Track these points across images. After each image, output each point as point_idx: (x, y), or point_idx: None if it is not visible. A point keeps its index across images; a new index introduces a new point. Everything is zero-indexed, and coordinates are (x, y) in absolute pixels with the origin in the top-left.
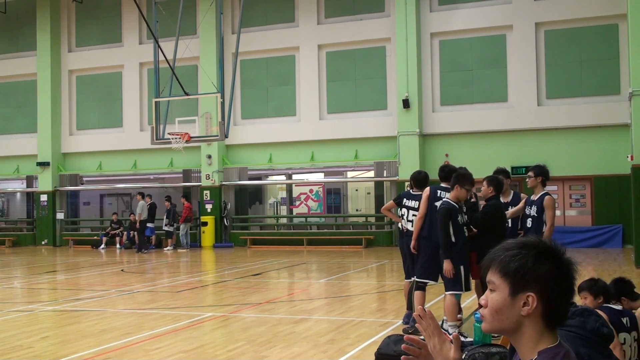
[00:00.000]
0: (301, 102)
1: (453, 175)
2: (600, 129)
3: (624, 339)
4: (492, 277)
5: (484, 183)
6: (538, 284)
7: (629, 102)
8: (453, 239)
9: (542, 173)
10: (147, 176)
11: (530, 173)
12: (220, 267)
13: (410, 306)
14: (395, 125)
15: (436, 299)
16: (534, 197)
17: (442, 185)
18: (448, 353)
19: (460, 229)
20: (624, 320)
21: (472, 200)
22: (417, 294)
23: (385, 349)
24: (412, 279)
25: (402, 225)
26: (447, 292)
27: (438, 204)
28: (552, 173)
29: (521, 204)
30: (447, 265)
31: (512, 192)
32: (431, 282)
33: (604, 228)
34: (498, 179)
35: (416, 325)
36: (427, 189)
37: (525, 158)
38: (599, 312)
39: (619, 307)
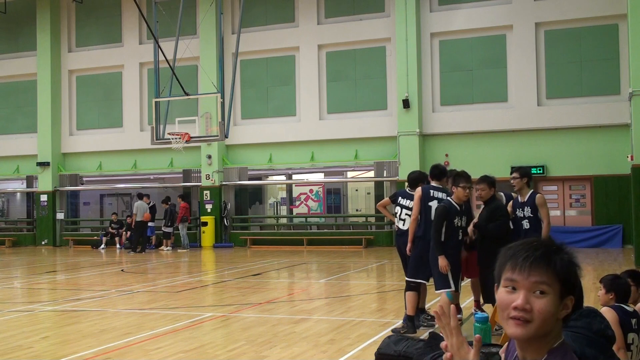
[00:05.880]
0: (301, 102)
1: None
2: (600, 129)
3: (632, 339)
4: (546, 280)
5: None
6: (576, 289)
7: (629, 102)
8: (442, 238)
9: (527, 174)
10: (147, 176)
11: (515, 174)
12: (220, 267)
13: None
14: (395, 125)
15: (436, 298)
16: (523, 199)
17: (434, 184)
18: (466, 355)
19: (453, 231)
20: (633, 321)
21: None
22: (408, 295)
23: (385, 349)
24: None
25: (395, 223)
26: (437, 291)
27: (432, 203)
28: (552, 173)
29: (509, 208)
30: (441, 262)
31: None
32: (422, 282)
33: (604, 228)
34: (493, 178)
35: (435, 321)
36: (419, 189)
37: (525, 158)
38: (611, 310)
39: (630, 308)
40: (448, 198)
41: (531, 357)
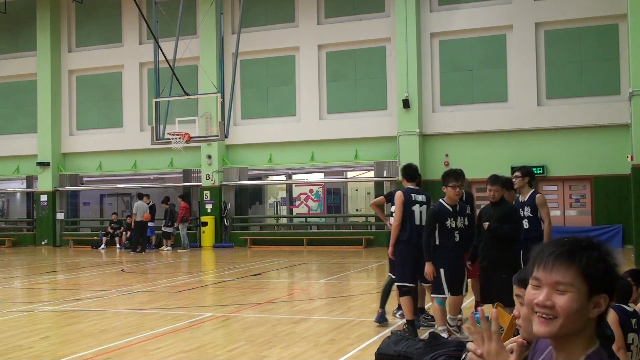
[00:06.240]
0: (301, 102)
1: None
2: (600, 129)
3: (632, 339)
4: (567, 278)
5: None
6: (611, 287)
7: (629, 102)
8: (437, 242)
9: (529, 173)
10: (147, 176)
11: (517, 173)
12: (220, 267)
13: (383, 304)
14: (395, 125)
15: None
16: (523, 199)
17: (410, 186)
18: None
19: (447, 233)
20: (633, 321)
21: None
22: (402, 300)
23: (385, 349)
24: (388, 275)
25: (389, 224)
26: (431, 295)
27: (415, 207)
28: (552, 173)
29: None
30: (427, 268)
31: (462, 193)
32: (411, 285)
33: (604, 228)
34: (505, 179)
35: (465, 327)
36: (400, 194)
37: (525, 158)
38: (611, 310)
39: (630, 308)
40: (440, 200)
41: (566, 358)
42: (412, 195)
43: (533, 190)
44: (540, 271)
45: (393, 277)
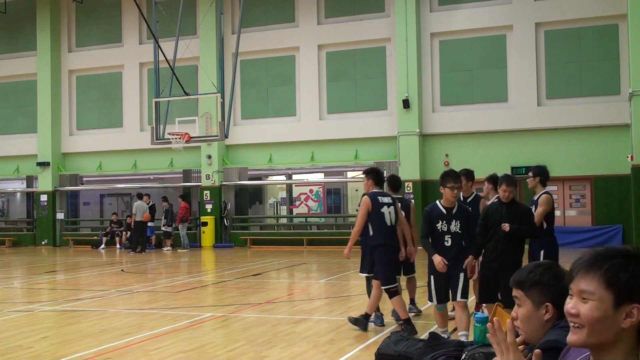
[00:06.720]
0: (301, 102)
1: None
2: (600, 129)
3: None
4: (590, 286)
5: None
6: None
7: (629, 102)
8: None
9: (540, 173)
10: (147, 176)
11: (529, 173)
12: (220, 267)
13: (377, 307)
14: (395, 125)
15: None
16: (535, 197)
17: (376, 190)
18: None
19: (437, 237)
20: None
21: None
22: (394, 301)
23: (385, 349)
24: (364, 274)
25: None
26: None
27: (384, 209)
28: (552, 173)
29: None
30: (435, 260)
31: (473, 193)
32: (397, 285)
33: (604, 228)
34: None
35: (488, 336)
36: (367, 198)
37: (525, 158)
38: None
39: None
40: (437, 201)
41: None
42: (379, 198)
43: (545, 190)
44: (571, 282)
45: (369, 275)
